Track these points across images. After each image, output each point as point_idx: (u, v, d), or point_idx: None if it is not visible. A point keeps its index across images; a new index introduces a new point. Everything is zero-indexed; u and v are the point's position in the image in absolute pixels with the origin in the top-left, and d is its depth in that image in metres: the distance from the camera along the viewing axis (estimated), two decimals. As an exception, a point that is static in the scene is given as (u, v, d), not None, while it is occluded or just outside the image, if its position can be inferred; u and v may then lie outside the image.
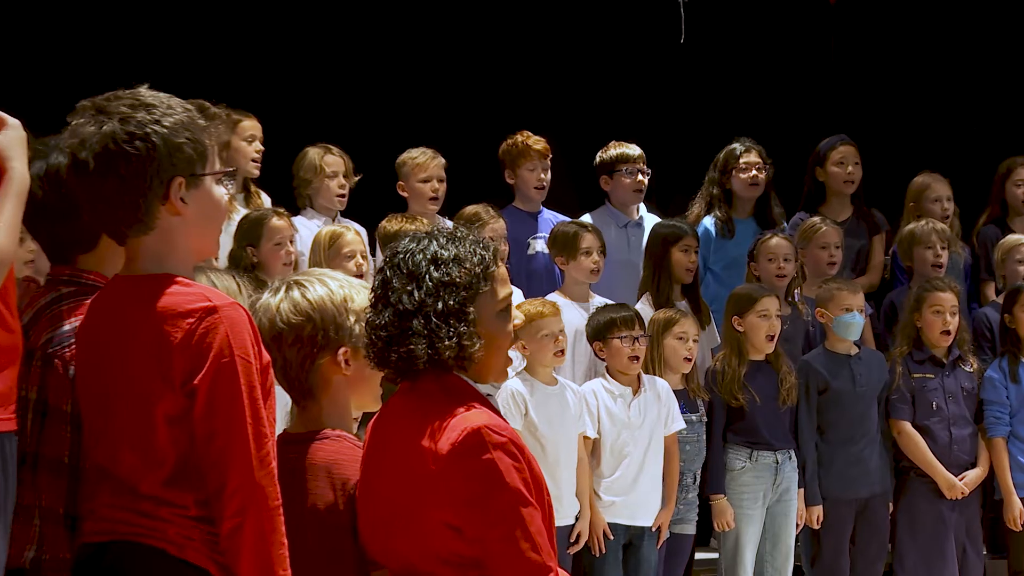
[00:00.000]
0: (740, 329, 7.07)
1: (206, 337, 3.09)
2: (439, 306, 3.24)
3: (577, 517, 6.58)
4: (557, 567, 3.25)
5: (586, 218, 7.74)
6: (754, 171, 8.05)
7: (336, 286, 3.48)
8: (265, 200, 7.42)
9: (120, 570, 3.14)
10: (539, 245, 7.70)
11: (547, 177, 7.81)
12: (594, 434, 6.66)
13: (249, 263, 6.51)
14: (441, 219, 7.46)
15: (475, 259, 3.31)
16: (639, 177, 7.87)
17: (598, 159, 7.95)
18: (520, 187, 7.83)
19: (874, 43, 9.73)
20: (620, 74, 9.22)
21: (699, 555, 7.39)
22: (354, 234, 6.77)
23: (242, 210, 7.02)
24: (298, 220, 7.17)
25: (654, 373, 6.88)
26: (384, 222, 7.01)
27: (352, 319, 3.44)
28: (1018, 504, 7.31)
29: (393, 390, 3.40)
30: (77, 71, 7.34)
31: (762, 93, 9.42)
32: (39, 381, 3.38)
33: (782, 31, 9.62)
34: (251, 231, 6.61)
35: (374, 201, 7.57)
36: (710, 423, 7.05)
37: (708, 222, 8.03)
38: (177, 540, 3.13)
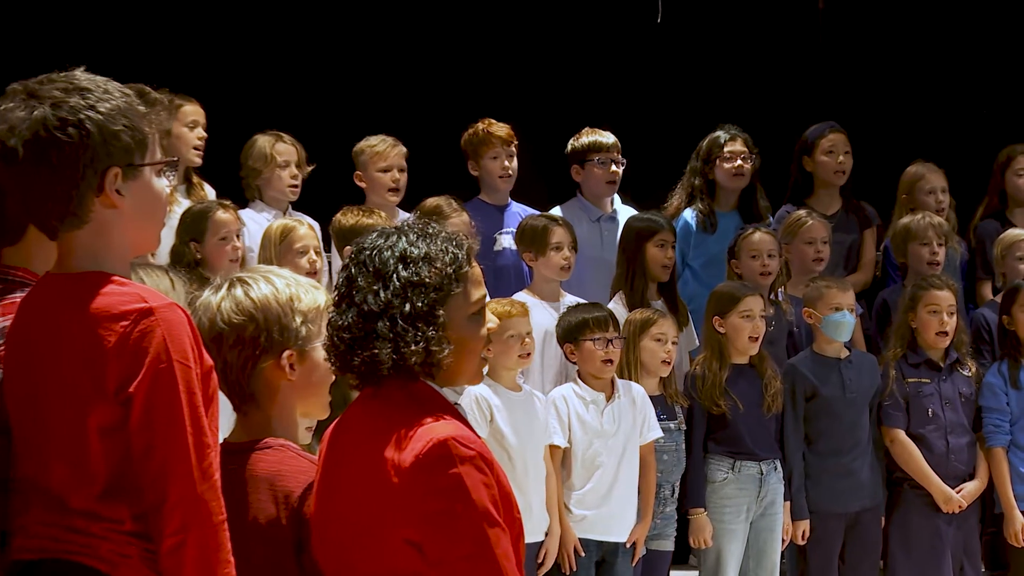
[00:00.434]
0: (721, 330, 7.08)
1: (141, 341, 3.07)
2: (407, 308, 3.22)
3: (547, 533, 6.59)
4: (523, 595, 3.24)
5: (556, 211, 7.74)
6: (739, 161, 8.05)
7: (282, 284, 3.47)
8: (209, 192, 7.41)
9: (50, 589, 3.13)
10: (506, 240, 7.68)
11: (512, 165, 7.78)
12: (564, 443, 6.65)
13: (193, 259, 6.51)
14: (401, 212, 7.45)
15: (447, 258, 3.29)
16: (613, 167, 7.86)
17: (569, 148, 7.94)
18: (485, 178, 7.82)
19: (866, 24, 9.75)
20: (592, 56, 9.22)
21: (677, 573, 7.38)
22: (307, 228, 6.77)
23: (184, 202, 7.01)
24: (245, 213, 7.16)
25: (629, 378, 6.89)
26: (339, 215, 7.01)
27: (299, 320, 3.44)
28: (1019, 518, 7.32)
29: (349, 396, 3.39)
30: (7, 51, 7.31)
31: (747, 77, 9.42)
32: (-36, 385, 3.36)
33: (768, 9, 9.63)
34: (194, 225, 6.61)
35: (328, 193, 7.56)
36: (689, 431, 7.04)
37: (688, 215, 8.03)
38: (110, 558, 3.11)
